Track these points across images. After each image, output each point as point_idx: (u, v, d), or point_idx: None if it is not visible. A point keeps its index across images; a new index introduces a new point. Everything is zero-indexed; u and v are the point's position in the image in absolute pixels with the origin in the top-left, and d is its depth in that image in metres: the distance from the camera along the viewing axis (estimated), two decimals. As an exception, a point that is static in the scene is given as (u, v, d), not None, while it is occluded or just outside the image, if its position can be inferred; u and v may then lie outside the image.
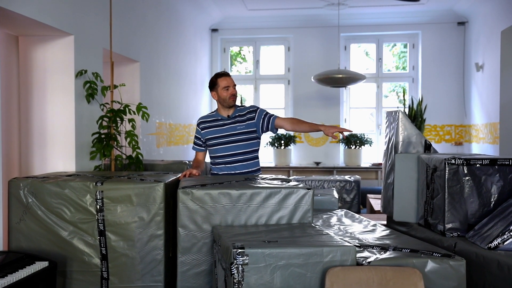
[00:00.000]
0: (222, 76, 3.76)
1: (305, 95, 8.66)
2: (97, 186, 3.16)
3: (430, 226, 3.09)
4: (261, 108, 3.81)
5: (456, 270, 2.34)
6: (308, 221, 2.88)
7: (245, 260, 2.18)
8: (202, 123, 3.80)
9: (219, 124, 3.75)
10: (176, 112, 6.72)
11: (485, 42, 7.34)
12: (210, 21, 8.48)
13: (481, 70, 7.46)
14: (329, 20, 8.43)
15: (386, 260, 2.34)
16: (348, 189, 5.66)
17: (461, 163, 2.87)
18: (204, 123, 3.79)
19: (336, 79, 6.52)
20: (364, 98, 9.03)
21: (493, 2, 7.05)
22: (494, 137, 6.89)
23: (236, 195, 2.84)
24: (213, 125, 3.76)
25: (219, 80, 3.74)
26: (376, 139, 8.67)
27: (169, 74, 6.44)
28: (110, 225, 3.15)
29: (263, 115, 3.74)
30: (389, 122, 3.66)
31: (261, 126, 3.73)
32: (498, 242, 2.50)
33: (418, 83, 8.57)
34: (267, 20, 8.58)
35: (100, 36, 4.42)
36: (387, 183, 3.61)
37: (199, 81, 8.02)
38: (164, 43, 6.27)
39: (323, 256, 2.24)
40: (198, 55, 7.96)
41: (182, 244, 2.85)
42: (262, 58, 9.02)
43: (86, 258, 3.17)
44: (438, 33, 8.38)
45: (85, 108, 4.14)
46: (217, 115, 3.79)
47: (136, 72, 5.35)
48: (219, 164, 3.72)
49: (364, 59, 9.31)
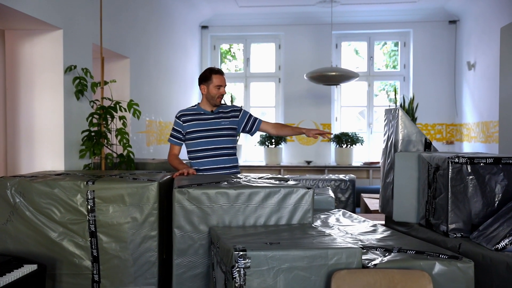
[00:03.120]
0: (217, 74, 3.73)
1: (296, 94, 8.58)
2: (88, 185, 3.04)
3: (432, 227, 3.02)
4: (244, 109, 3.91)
5: (464, 273, 2.26)
6: (308, 222, 2.79)
7: (247, 263, 2.08)
8: (183, 116, 3.72)
9: (202, 118, 3.72)
10: (166, 110, 6.59)
11: (477, 40, 7.32)
12: (200, 17, 8.35)
13: (473, 69, 7.44)
14: (321, 18, 8.35)
15: (392, 263, 2.26)
16: (343, 188, 5.58)
17: (464, 162, 2.80)
18: (186, 116, 3.72)
19: (329, 76, 6.45)
20: (355, 96, 8.97)
21: (485, 1, 7.03)
22: (486, 136, 6.87)
23: (234, 195, 2.74)
24: (196, 118, 3.71)
25: (213, 77, 3.71)
26: (367, 137, 8.61)
27: (159, 71, 6.32)
28: (102, 226, 3.03)
29: (247, 116, 3.84)
30: (388, 120, 3.58)
31: (244, 126, 3.82)
32: (506, 243, 2.43)
33: (409, 81, 8.53)
34: (258, 17, 8.48)
35: (90, 31, 4.29)
36: (386, 183, 3.54)
37: (189, 79, 7.89)
38: (154, 39, 6.14)
39: (327, 258, 2.15)
40: (188, 53, 7.83)
41: (178, 246, 2.74)
42: (253, 56, 8.92)
43: (77, 261, 3.05)
44: (430, 32, 8.35)
45: (74, 105, 4.01)
46: (199, 109, 3.75)
47: (126, 69, 5.22)
48: (201, 158, 3.66)
49: (354, 57, 9.25)
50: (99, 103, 4.10)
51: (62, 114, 3.86)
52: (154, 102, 6.09)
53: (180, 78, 7.35)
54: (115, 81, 4.27)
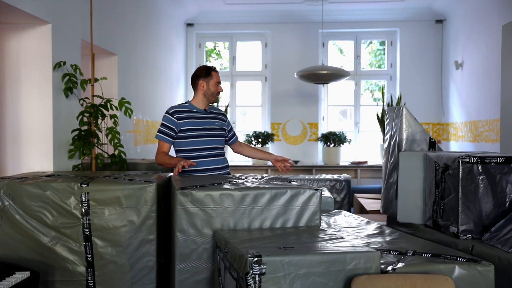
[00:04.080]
0: (215, 71, 3.68)
1: (282, 93, 8.49)
2: (82, 187, 2.89)
3: (440, 228, 2.94)
4: None
5: (484, 276, 2.19)
6: (316, 224, 2.69)
7: (263, 270, 1.97)
8: (177, 113, 3.56)
9: (197, 116, 3.60)
10: (152, 108, 6.43)
11: (465, 40, 7.32)
12: (186, 15, 8.20)
13: (460, 68, 7.44)
14: (308, 16, 8.27)
15: (411, 267, 2.17)
16: (338, 188, 5.49)
17: (475, 162, 2.73)
18: (179, 113, 3.56)
19: (320, 75, 6.36)
20: (341, 96, 8.92)
21: (472, 1, 7.03)
22: (475, 135, 6.87)
23: (239, 197, 2.62)
24: (191, 116, 3.57)
25: (213, 73, 3.65)
26: (354, 137, 8.57)
27: (146, 69, 6.15)
28: (97, 229, 2.88)
29: (230, 126, 3.86)
30: (391, 118, 3.50)
31: (226, 134, 3.79)
32: (523, 245, 2.36)
33: (396, 81, 8.51)
34: (244, 15, 8.36)
35: (79, 26, 4.12)
36: (389, 183, 3.46)
37: (174, 77, 7.74)
38: (142, 36, 5.97)
39: (345, 263, 2.04)
40: (173, 51, 7.67)
41: (180, 251, 2.60)
42: (239, 54, 8.80)
43: (70, 266, 2.89)
44: (416, 31, 8.34)
45: (63, 103, 3.84)
46: (191, 107, 3.62)
47: (114, 66, 5.06)
48: (196, 158, 3.50)
49: (339, 56, 9.20)
50: (89, 101, 3.93)
51: (50, 113, 3.68)
52: (142, 100, 5.93)
53: (166, 76, 7.19)
54: (106, 78, 4.11)
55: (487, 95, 6.46)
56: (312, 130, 8.48)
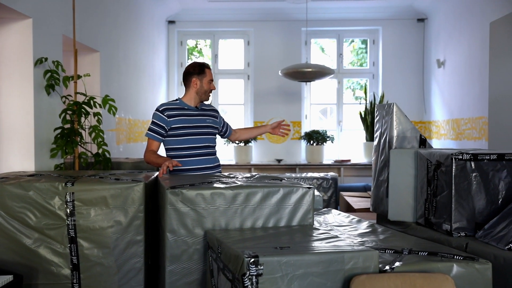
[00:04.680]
0: (209, 69, 3.60)
1: (265, 91, 8.43)
2: (67, 187, 2.80)
3: (432, 226, 2.92)
4: None
5: (482, 274, 2.16)
6: (309, 223, 2.64)
7: (260, 271, 1.91)
8: (167, 110, 3.45)
9: (188, 113, 3.50)
10: (135, 107, 6.31)
11: (447, 38, 7.36)
12: (168, 12, 8.08)
13: (442, 67, 7.48)
14: (291, 14, 8.23)
15: (409, 266, 2.13)
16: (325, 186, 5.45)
17: (468, 158, 2.71)
18: (170, 110, 3.46)
19: (305, 73, 6.32)
20: (324, 94, 8.90)
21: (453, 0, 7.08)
22: (457, 133, 6.91)
23: (230, 195, 2.56)
24: (182, 114, 3.48)
25: (207, 71, 3.57)
26: (337, 135, 8.56)
27: (129, 67, 6.03)
28: (83, 230, 2.79)
29: (223, 119, 3.80)
30: (381, 116, 3.47)
31: (221, 128, 3.74)
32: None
33: (378, 79, 8.53)
34: (226, 12, 8.28)
35: (60, 21, 4.00)
36: (379, 181, 3.43)
37: (157, 75, 7.62)
38: (124, 33, 5.85)
39: (344, 263, 1.99)
40: (155, 48, 7.55)
41: (171, 252, 2.53)
42: (221, 52, 8.71)
43: (55, 269, 2.80)
44: (398, 29, 8.36)
45: (45, 100, 3.72)
46: (182, 104, 3.53)
47: (96, 63, 4.93)
48: (185, 157, 3.41)
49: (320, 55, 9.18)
50: (72, 98, 3.82)
51: (32, 110, 3.56)
52: (124, 98, 5.81)
53: (148, 74, 7.07)
54: (89, 75, 4.00)
55: (469, 93, 6.50)
56: (295, 129, 8.44)
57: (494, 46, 4.47)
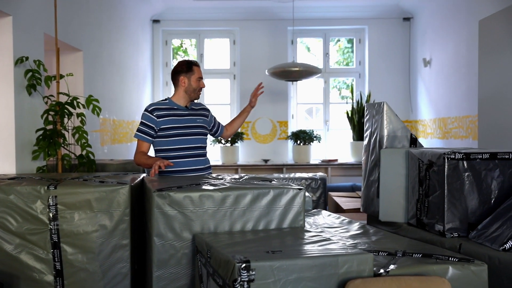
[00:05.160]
0: (197, 66, 3.51)
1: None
2: (49, 190, 2.70)
3: (424, 226, 2.88)
4: None
5: (478, 276, 2.12)
6: (300, 225, 2.58)
7: (251, 276, 1.84)
8: (156, 110, 3.37)
9: (177, 113, 3.41)
10: (119, 107, 6.20)
11: (433, 37, 7.36)
12: (152, 11, 7.97)
13: (428, 66, 7.48)
14: (277, 14, 8.17)
15: (404, 269, 2.08)
16: (314, 187, 5.40)
17: (461, 158, 2.67)
18: (160, 110, 3.37)
19: (292, 72, 6.26)
20: (310, 94, 8.86)
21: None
22: (444, 132, 6.91)
23: (219, 198, 2.49)
24: (172, 114, 3.39)
25: (195, 68, 3.47)
26: (324, 135, 8.52)
27: (112, 66, 5.92)
28: (66, 235, 2.70)
29: (214, 117, 3.75)
30: (371, 115, 3.42)
31: (212, 128, 3.68)
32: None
33: (365, 78, 8.51)
34: (212, 11, 8.19)
35: (42, 19, 3.89)
36: (369, 181, 3.38)
37: (141, 75, 7.51)
38: (107, 32, 5.74)
39: (338, 267, 1.93)
40: (140, 48, 7.44)
41: (158, 256, 2.45)
42: (206, 51, 8.62)
43: (37, 276, 2.70)
44: (384, 29, 8.34)
45: (26, 100, 3.61)
46: (171, 103, 3.44)
47: (79, 62, 4.82)
48: (175, 158, 3.33)
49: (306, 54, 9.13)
50: (54, 98, 3.71)
51: (12, 111, 3.45)
52: (109, 99, 5.69)
53: (133, 74, 6.96)
54: (72, 75, 3.89)
55: (456, 92, 6.50)
56: (281, 129, 8.39)
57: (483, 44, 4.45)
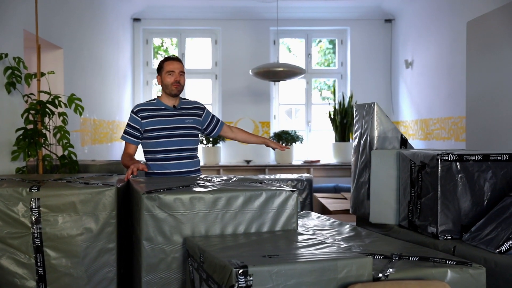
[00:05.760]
0: (168, 60, 3.36)
1: (234, 91, 8.29)
2: (31, 192, 2.59)
3: (416, 228, 2.85)
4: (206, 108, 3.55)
5: (476, 280, 2.09)
6: (292, 228, 2.52)
7: (249, 282, 1.77)
8: (141, 111, 3.27)
9: (163, 114, 3.30)
10: (100, 107, 6.07)
11: (415, 39, 7.40)
12: (132, 9, 7.84)
13: (410, 67, 7.51)
14: (259, 14, 8.12)
15: (403, 273, 2.04)
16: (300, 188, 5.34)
17: (454, 159, 2.65)
18: (144, 111, 3.27)
19: (276, 72, 6.21)
20: (292, 94, 8.83)
21: (418, 1, 7.11)
22: (425, 133, 6.94)
23: (211, 200, 2.41)
24: (156, 115, 3.28)
25: (165, 64, 3.34)
26: (306, 136, 8.50)
27: (93, 65, 5.79)
28: (49, 239, 2.59)
29: (211, 116, 3.55)
30: (361, 116, 3.39)
31: (206, 127, 3.50)
32: (510, 245, 2.28)
33: (347, 79, 8.52)
34: (193, 11, 8.10)
35: (21, 16, 3.76)
36: (359, 182, 3.34)
37: (121, 74, 7.37)
38: (88, 30, 5.61)
39: (337, 271, 1.88)
40: (120, 47, 7.31)
41: (147, 261, 2.37)
42: (188, 51, 8.52)
43: (18, 281, 2.58)
44: (366, 30, 8.36)
45: (5, 99, 3.49)
46: (159, 104, 3.33)
47: (60, 60, 4.69)
48: (161, 161, 3.25)
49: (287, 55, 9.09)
50: (35, 97, 3.59)
51: (-9, 110, 3.33)
52: (89, 98, 5.56)
53: (113, 73, 6.83)
54: (54, 73, 3.77)
55: (438, 94, 6.53)
56: (264, 129, 8.34)
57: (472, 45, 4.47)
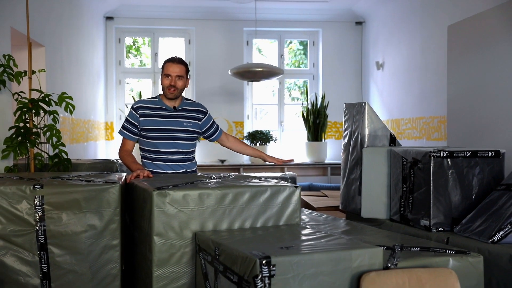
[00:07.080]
0: (168, 62, 3.33)
1: (207, 91, 8.33)
2: (35, 190, 2.59)
3: (408, 222, 2.99)
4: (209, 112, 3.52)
5: (475, 267, 2.23)
6: (296, 222, 2.62)
7: (272, 271, 1.85)
8: (141, 108, 3.25)
9: (163, 114, 3.27)
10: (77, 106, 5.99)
11: (385, 41, 7.63)
12: (106, 7, 7.77)
13: (381, 69, 7.74)
14: (233, 14, 8.20)
15: (410, 261, 2.16)
16: (284, 186, 5.42)
17: (445, 156, 2.81)
18: (144, 109, 3.25)
19: (255, 72, 6.30)
20: (264, 94, 8.94)
21: (390, 5, 7.34)
22: (397, 133, 7.16)
23: (219, 196, 2.48)
24: (156, 114, 3.25)
25: (164, 65, 3.33)
26: (279, 135, 8.62)
27: (70, 63, 5.74)
28: (53, 236, 2.60)
29: (211, 121, 3.50)
30: (351, 115, 3.52)
31: (205, 132, 3.47)
32: (501, 235, 2.45)
33: (318, 80, 8.69)
34: (166, 10, 8.10)
35: (8, 13, 3.72)
36: (350, 179, 3.47)
37: (95, 73, 7.31)
38: (66, 27, 5.56)
39: (351, 261, 1.99)
40: (95, 45, 7.24)
41: (158, 256, 2.41)
42: (161, 51, 8.51)
43: (22, 279, 2.58)
44: (338, 32, 8.56)
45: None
46: (160, 103, 3.29)
47: (42, 58, 4.64)
48: (157, 161, 3.27)
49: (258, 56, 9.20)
50: (25, 95, 3.56)
51: (-19, 108, 3.29)
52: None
53: (88, 72, 6.77)
54: (45, 70, 3.75)
55: (409, 94, 6.77)
56: (237, 129, 8.42)
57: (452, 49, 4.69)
